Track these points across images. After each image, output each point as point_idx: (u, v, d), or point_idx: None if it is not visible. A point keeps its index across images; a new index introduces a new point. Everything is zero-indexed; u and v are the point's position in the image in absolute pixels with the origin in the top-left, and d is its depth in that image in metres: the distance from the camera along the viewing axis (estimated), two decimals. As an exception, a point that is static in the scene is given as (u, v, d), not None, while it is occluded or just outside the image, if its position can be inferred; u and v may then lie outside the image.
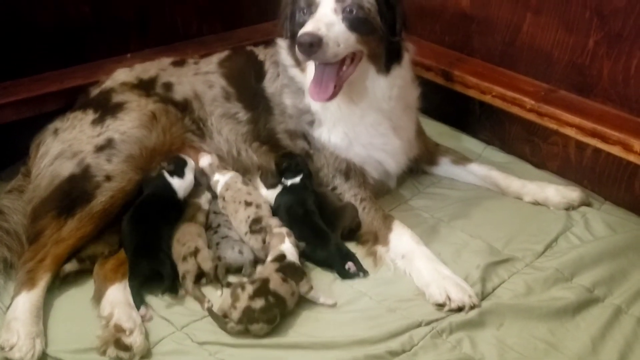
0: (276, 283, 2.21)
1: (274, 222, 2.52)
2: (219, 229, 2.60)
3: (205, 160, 2.79)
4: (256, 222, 2.51)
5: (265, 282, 2.21)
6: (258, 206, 2.58)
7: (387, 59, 2.61)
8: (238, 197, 2.62)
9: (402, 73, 2.70)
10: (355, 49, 2.49)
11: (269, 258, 2.36)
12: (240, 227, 2.55)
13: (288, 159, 2.79)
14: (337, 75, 2.48)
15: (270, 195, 2.75)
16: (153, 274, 2.34)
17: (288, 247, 2.38)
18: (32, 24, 3.03)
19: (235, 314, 2.13)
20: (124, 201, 2.53)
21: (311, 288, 2.30)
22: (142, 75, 2.92)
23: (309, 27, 2.35)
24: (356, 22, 2.44)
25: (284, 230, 2.46)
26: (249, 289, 2.18)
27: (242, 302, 2.14)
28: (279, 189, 2.74)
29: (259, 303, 2.14)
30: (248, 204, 2.58)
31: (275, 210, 2.66)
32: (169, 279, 2.32)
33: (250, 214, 2.54)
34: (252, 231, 2.49)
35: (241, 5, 3.68)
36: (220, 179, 2.73)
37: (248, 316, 2.12)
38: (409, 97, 2.84)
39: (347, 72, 2.52)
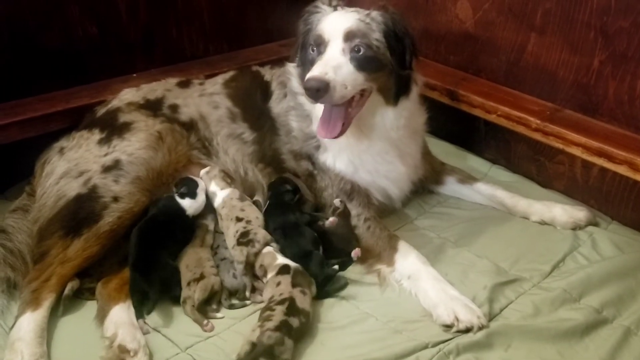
0: (300, 299, 2.21)
1: (261, 233, 2.51)
2: (218, 249, 2.60)
3: (204, 170, 2.79)
4: (244, 235, 2.50)
5: (292, 300, 2.20)
6: (248, 222, 2.56)
7: (396, 92, 2.60)
8: (231, 213, 2.61)
9: (410, 105, 2.69)
10: (364, 86, 2.48)
11: (270, 275, 2.35)
12: (230, 242, 2.54)
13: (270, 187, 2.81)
14: (345, 113, 2.47)
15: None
16: (163, 288, 2.35)
17: (284, 259, 2.39)
18: (39, 44, 3.05)
19: (272, 323, 2.09)
20: (130, 222, 2.53)
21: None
22: (149, 96, 2.94)
23: (315, 71, 2.34)
24: (364, 61, 2.43)
25: (271, 248, 2.46)
26: (280, 307, 2.16)
27: (279, 316, 2.12)
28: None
29: (295, 322, 2.14)
30: (239, 219, 2.57)
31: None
32: (154, 300, 2.31)
33: (239, 228, 2.53)
34: (239, 243, 2.48)
35: (247, 25, 3.71)
36: (218, 194, 2.72)
37: (287, 327, 2.10)
38: (416, 123, 2.84)
39: (355, 110, 2.51)
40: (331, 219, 2.57)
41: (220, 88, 3.00)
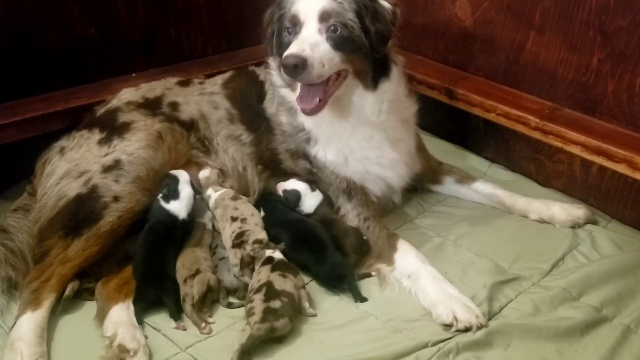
0: (279, 282, 2.24)
1: (254, 233, 2.50)
2: (217, 249, 2.60)
3: (203, 173, 2.80)
4: (238, 236, 2.50)
5: (269, 284, 2.22)
6: (243, 220, 2.56)
7: (374, 75, 2.59)
8: (225, 214, 2.62)
9: (392, 87, 2.67)
10: (340, 67, 2.48)
11: (257, 266, 2.37)
12: (227, 244, 2.55)
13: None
14: (322, 90, 2.47)
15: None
16: (158, 300, 2.34)
17: (270, 252, 2.42)
18: (39, 44, 3.06)
19: (256, 316, 2.12)
20: (131, 221, 2.54)
21: (304, 286, 2.35)
22: (148, 95, 2.94)
23: (293, 49, 2.35)
24: (340, 41, 2.43)
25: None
26: (258, 296, 2.19)
27: (259, 306, 2.15)
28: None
29: (276, 303, 2.16)
30: (234, 219, 2.57)
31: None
32: (172, 307, 2.31)
33: (234, 229, 2.54)
34: (234, 245, 2.48)
35: (245, 25, 3.71)
36: (212, 195, 2.73)
37: (271, 313, 2.13)
38: (404, 111, 2.83)
39: (332, 88, 2.51)
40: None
41: (220, 88, 3.00)
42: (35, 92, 3.05)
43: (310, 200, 2.74)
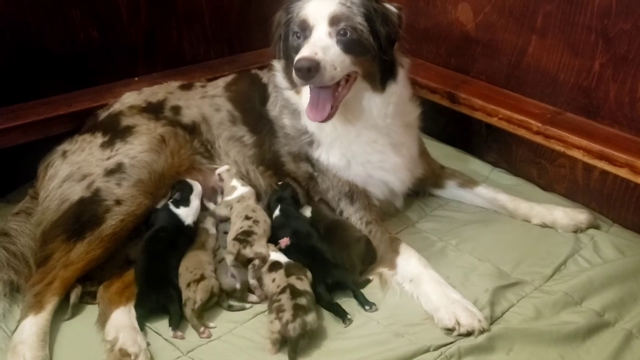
0: (299, 284, 2.28)
1: (262, 243, 2.51)
2: (218, 252, 2.60)
3: (223, 167, 2.83)
4: (245, 233, 2.51)
5: (291, 286, 2.26)
6: (255, 222, 2.57)
7: (382, 77, 2.61)
8: (242, 212, 2.63)
9: (398, 89, 2.68)
10: (350, 70, 2.50)
11: (264, 269, 2.40)
12: (230, 235, 2.55)
13: (274, 192, 2.82)
14: (333, 96, 2.48)
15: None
16: (160, 306, 2.34)
17: (276, 255, 2.44)
18: (41, 48, 3.07)
19: (288, 313, 2.16)
20: (133, 225, 2.54)
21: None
22: (151, 99, 2.95)
23: (305, 52, 2.37)
24: (350, 44, 2.45)
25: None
26: (284, 295, 2.22)
27: (288, 303, 2.19)
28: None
29: (302, 300, 2.22)
30: (247, 217, 2.59)
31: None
32: (176, 315, 2.31)
33: (244, 225, 2.55)
34: (237, 239, 2.48)
35: (247, 29, 3.71)
36: (239, 188, 2.76)
37: (300, 309, 2.17)
38: (408, 115, 2.84)
39: (343, 93, 2.53)
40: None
41: (222, 91, 3.01)
42: (37, 95, 3.06)
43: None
